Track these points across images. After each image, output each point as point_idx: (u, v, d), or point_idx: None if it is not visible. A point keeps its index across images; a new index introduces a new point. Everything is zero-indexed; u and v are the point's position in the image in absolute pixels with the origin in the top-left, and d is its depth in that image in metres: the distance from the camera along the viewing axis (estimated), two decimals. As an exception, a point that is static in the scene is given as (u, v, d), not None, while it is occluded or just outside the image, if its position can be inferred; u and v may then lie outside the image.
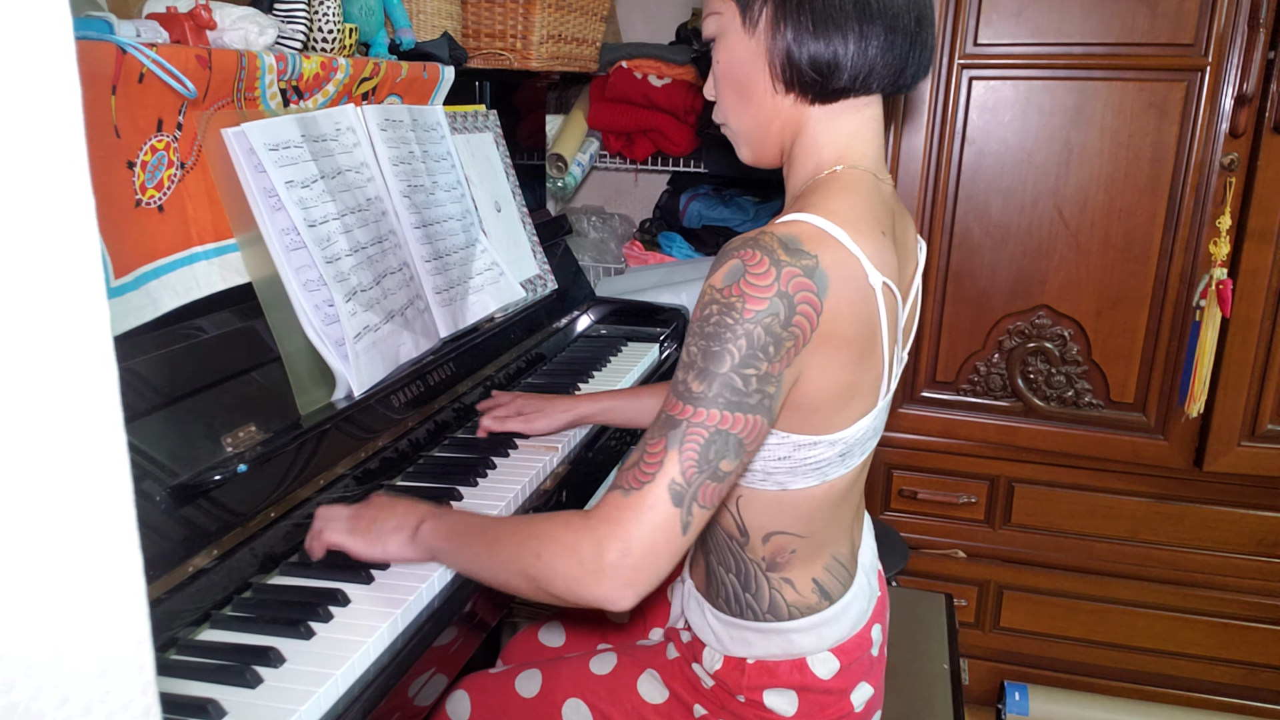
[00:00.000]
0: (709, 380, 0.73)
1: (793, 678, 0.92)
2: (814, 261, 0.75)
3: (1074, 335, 1.82)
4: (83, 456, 0.33)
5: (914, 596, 1.58)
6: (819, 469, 0.86)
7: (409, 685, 0.86)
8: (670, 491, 0.73)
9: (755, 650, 0.92)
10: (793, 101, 0.86)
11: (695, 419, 0.73)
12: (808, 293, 0.74)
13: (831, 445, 0.84)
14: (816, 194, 0.82)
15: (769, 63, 0.84)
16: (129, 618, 0.36)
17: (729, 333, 0.73)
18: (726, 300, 0.74)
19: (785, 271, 0.74)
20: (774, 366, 0.74)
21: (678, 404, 0.75)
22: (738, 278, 0.74)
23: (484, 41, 1.67)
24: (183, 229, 0.99)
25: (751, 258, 0.74)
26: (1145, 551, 1.91)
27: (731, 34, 0.86)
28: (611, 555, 0.73)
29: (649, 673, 1.01)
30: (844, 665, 0.93)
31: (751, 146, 0.91)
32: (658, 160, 2.29)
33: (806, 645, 0.91)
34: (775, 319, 0.73)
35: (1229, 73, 1.63)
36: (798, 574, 0.91)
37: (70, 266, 0.32)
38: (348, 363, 1.09)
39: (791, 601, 0.91)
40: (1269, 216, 1.66)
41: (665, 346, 1.79)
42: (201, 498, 0.89)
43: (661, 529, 0.73)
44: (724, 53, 0.88)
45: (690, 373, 0.75)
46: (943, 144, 1.79)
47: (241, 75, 1.03)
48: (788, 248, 0.75)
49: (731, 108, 0.90)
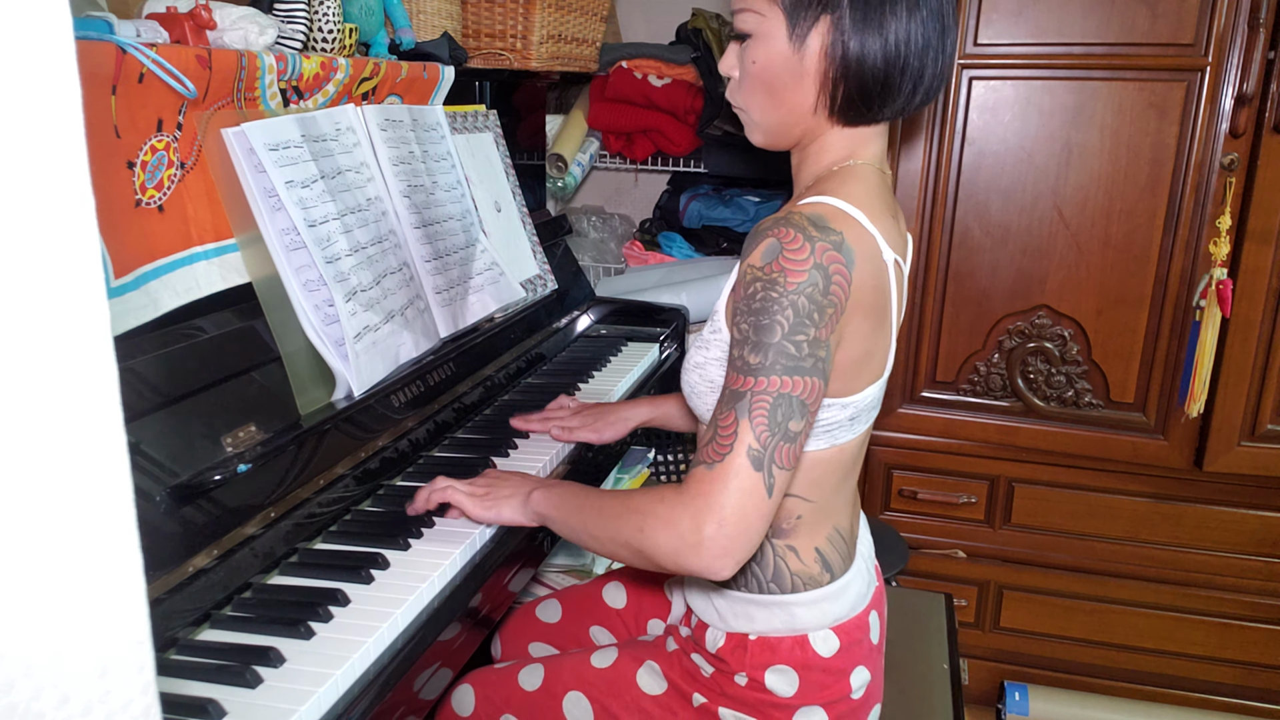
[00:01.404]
0: (764, 351, 0.78)
1: (794, 655, 0.93)
2: (840, 237, 0.80)
3: (1074, 335, 1.82)
4: (83, 456, 0.33)
5: (914, 596, 1.58)
6: (830, 431, 0.90)
7: (409, 684, 0.86)
8: (750, 458, 0.78)
9: (758, 625, 0.94)
10: (826, 119, 0.90)
11: (758, 388, 0.78)
12: (839, 265, 0.79)
13: (843, 408, 0.89)
14: (831, 181, 0.88)
15: (820, 85, 0.87)
16: (129, 618, 0.36)
17: (775, 305, 0.78)
18: (769, 276, 0.79)
19: (819, 246, 0.79)
20: (821, 332, 0.79)
21: (739, 378, 0.79)
22: (776, 254, 0.79)
23: (484, 41, 1.67)
24: (183, 229, 0.99)
25: (786, 234, 0.79)
26: (1145, 551, 1.91)
27: (774, 40, 0.87)
28: (709, 528, 0.78)
29: (648, 665, 1.03)
30: (844, 645, 0.95)
31: (767, 137, 0.95)
32: (658, 160, 2.29)
33: (808, 620, 0.94)
34: (816, 288, 0.78)
35: (1229, 73, 1.63)
36: (802, 541, 0.94)
37: (70, 266, 0.32)
38: (348, 363, 1.09)
39: (795, 570, 0.94)
40: (1269, 216, 1.66)
41: (665, 346, 1.79)
42: (202, 498, 0.89)
43: (749, 494, 0.78)
44: (761, 54, 0.89)
45: (745, 348, 0.79)
46: (943, 144, 1.79)
47: (241, 75, 1.03)
48: (816, 225, 0.80)
49: (757, 104, 0.92)
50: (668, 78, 2.15)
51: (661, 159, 2.28)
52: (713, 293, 1.99)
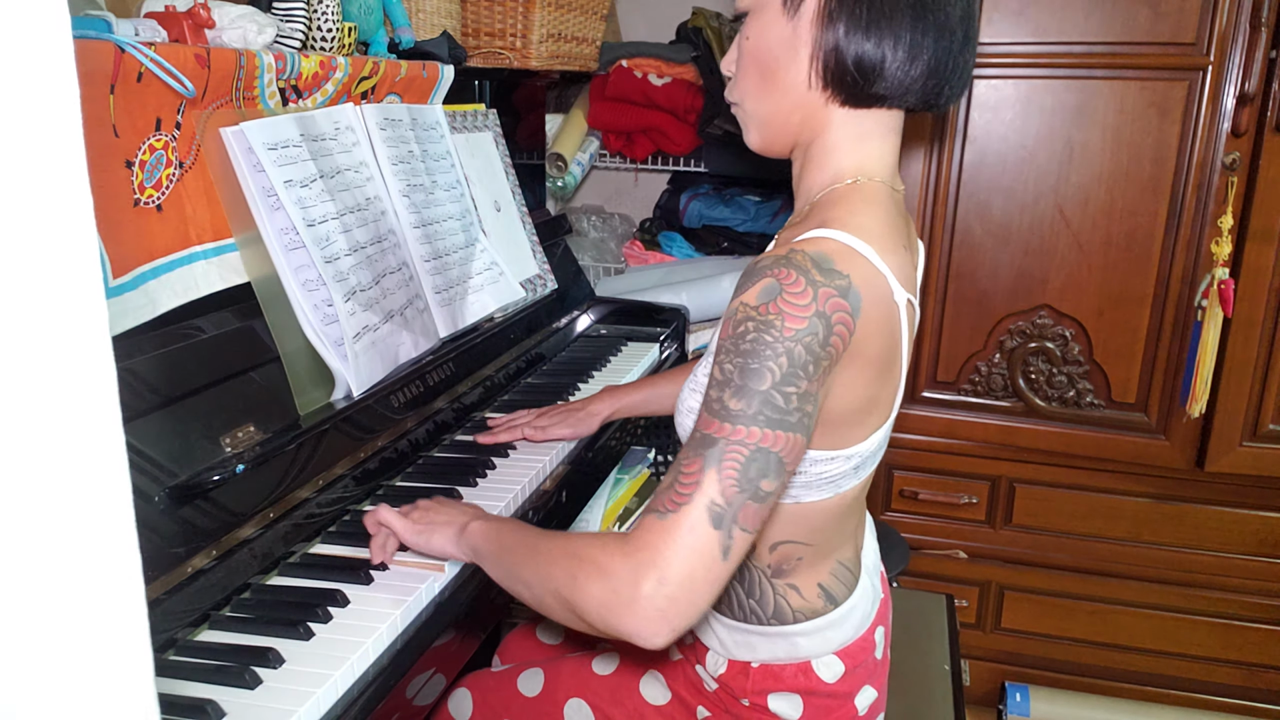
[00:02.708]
0: (748, 397, 0.70)
1: (797, 681, 0.91)
2: (847, 281, 0.73)
3: (1075, 335, 1.82)
4: (81, 456, 0.33)
5: (915, 597, 1.58)
6: (833, 482, 0.84)
7: (408, 685, 0.85)
8: (710, 513, 0.69)
9: (759, 654, 0.92)
10: (823, 98, 0.82)
11: (735, 436, 0.70)
12: (843, 313, 0.73)
13: (847, 460, 0.83)
14: (839, 207, 0.80)
15: (812, 54, 0.80)
16: (127, 618, 0.36)
17: (768, 350, 0.70)
18: (764, 318, 0.71)
19: (822, 292, 0.72)
20: (812, 385, 0.72)
21: (714, 422, 0.71)
22: (774, 296, 0.72)
23: (483, 40, 1.67)
24: (181, 228, 0.99)
25: (787, 277, 0.72)
26: (1146, 552, 1.91)
27: (769, 12, 0.82)
28: (647, 585, 0.69)
29: (651, 673, 1.01)
30: (849, 669, 0.92)
31: (763, 133, 0.88)
32: (658, 160, 2.29)
33: (811, 648, 0.91)
34: (815, 338, 0.71)
35: (1230, 72, 1.62)
36: (803, 580, 0.90)
37: (68, 266, 0.32)
38: (347, 363, 1.08)
39: (797, 607, 0.90)
40: (1270, 216, 1.65)
41: (665, 346, 1.79)
42: (200, 498, 0.89)
43: (701, 554, 0.69)
44: (755, 30, 0.84)
45: (726, 390, 0.71)
46: (944, 143, 1.79)
47: (240, 74, 1.03)
48: (821, 267, 0.73)
49: (752, 90, 0.86)
50: (668, 77, 2.14)
51: (662, 158, 2.28)
52: (713, 293, 1.99)
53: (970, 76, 0.85)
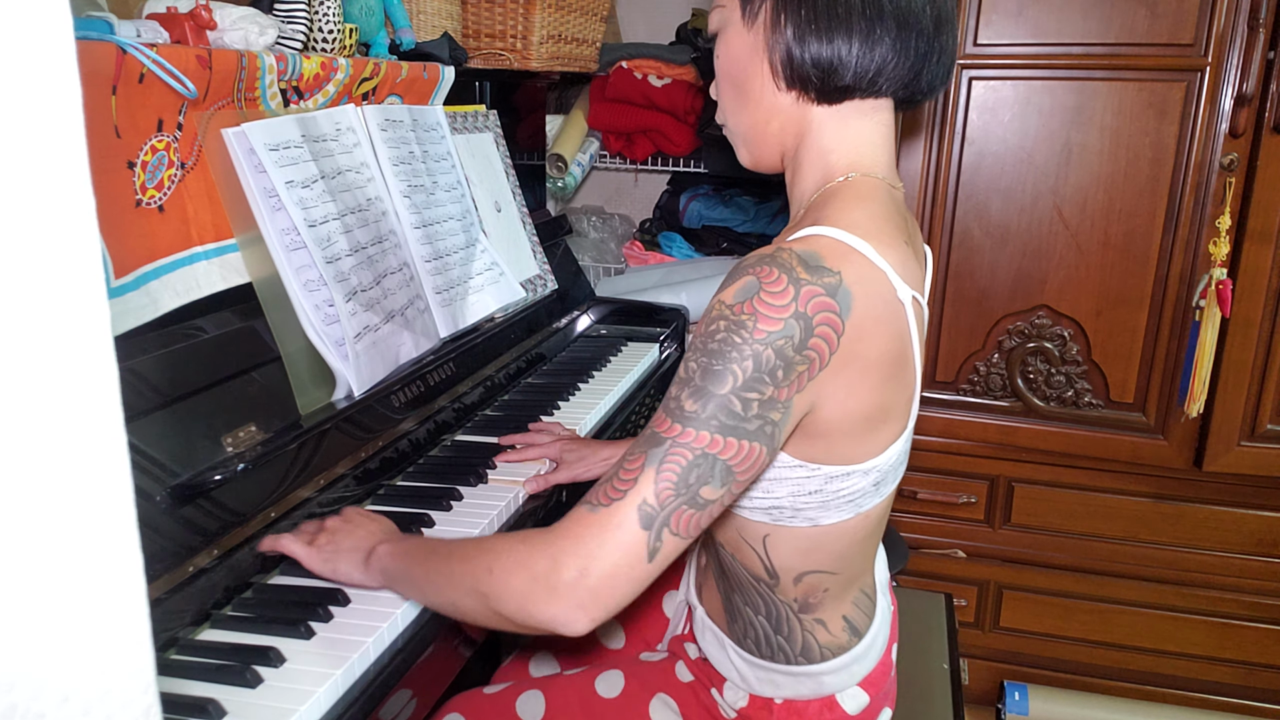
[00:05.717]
0: (704, 399, 0.68)
1: (822, 716, 0.89)
2: (837, 279, 0.70)
3: (1074, 335, 1.82)
4: (83, 456, 0.33)
5: (914, 596, 1.58)
6: (853, 500, 0.81)
7: (409, 685, 0.86)
8: (640, 513, 0.68)
9: (784, 691, 0.89)
10: (794, 100, 0.81)
11: (682, 439, 0.68)
12: (829, 313, 0.69)
13: (865, 475, 0.79)
14: (831, 204, 0.77)
15: (769, 59, 0.80)
16: (129, 617, 0.36)
17: (735, 352, 0.68)
18: (736, 318, 0.69)
19: (805, 291, 0.69)
20: (781, 392, 0.69)
21: (665, 420, 0.70)
22: (751, 295, 0.69)
23: (484, 41, 1.67)
24: (183, 229, 0.99)
25: (768, 275, 0.69)
26: (1145, 551, 1.91)
27: (732, 27, 0.83)
28: (568, 573, 0.68)
29: (661, 698, 0.97)
30: (873, 698, 0.91)
31: (750, 148, 0.87)
32: (658, 160, 2.29)
33: (836, 684, 0.89)
34: (789, 341, 0.68)
35: (1228, 73, 1.63)
36: (829, 613, 0.88)
37: (70, 266, 0.32)
38: (348, 363, 1.09)
39: (824, 643, 0.88)
40: (1269, 216, 1.66)
41: (665, 346, 1.79)
42: (202, 497, 0.89)
43: (626, 553, 0.68)
44: (723, 48, 0.84)
45: (685, 389, 0.70)
46: (942, 144, 1.80)
47: (242, 75, 1.03)
48: (808, 265, 0.70)
49: (730, 106, 0.86)
50: (668, 78, 2.15)
51: (661, 159, 2.28)
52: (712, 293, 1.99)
53: (953, 61, 0.83)
